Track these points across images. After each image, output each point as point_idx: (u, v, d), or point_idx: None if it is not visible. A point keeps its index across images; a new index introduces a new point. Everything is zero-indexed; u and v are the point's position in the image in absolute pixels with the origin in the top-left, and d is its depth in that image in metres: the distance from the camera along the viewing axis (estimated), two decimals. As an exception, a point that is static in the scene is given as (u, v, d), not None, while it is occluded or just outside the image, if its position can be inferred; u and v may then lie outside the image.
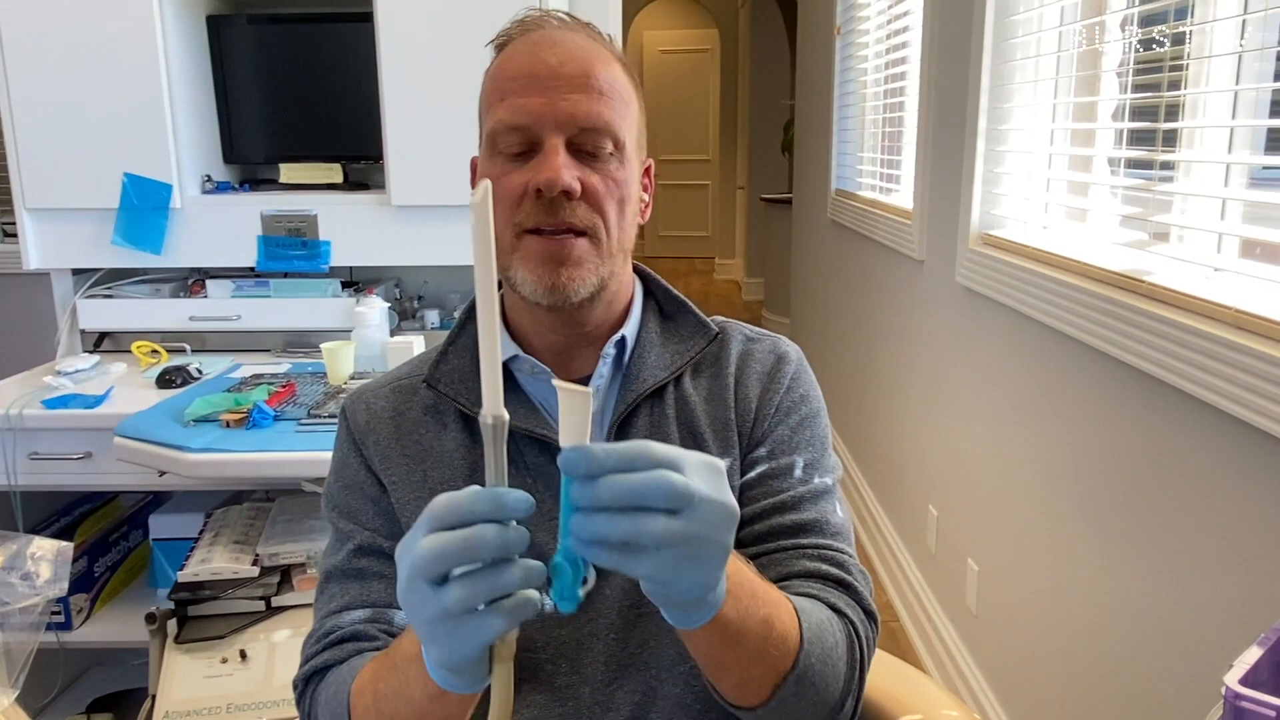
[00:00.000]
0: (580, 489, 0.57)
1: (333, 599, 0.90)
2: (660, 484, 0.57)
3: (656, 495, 0.57)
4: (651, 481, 0.57)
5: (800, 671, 0.76)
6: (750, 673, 0.75)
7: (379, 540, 0.90)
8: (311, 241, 2.22)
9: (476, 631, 0.58)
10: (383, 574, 0.90)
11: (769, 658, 0.75)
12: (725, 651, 0.72)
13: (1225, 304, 1.23)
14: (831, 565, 0.87)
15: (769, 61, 7.14)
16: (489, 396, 0.59)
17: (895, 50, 3.05)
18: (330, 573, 0.91)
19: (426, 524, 0.58)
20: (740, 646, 0.72)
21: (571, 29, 0.88)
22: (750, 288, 7.65)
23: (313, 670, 0.87)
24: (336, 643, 0.87)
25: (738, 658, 0.73)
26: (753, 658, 0.74)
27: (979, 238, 2.15)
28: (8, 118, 2.13)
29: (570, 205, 0.82)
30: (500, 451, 0.59)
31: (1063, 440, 1.72)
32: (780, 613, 0.75)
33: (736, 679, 0.76)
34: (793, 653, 0.76)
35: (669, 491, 0.57)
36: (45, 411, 1.89)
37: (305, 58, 2.31)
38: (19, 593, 1.03)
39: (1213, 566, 1.27)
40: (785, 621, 0.76)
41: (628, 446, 0.58)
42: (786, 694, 0.76)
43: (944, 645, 2.37)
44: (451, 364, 0.93)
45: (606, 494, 0.57)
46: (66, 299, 2.31)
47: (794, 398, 0.94)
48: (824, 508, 0.90)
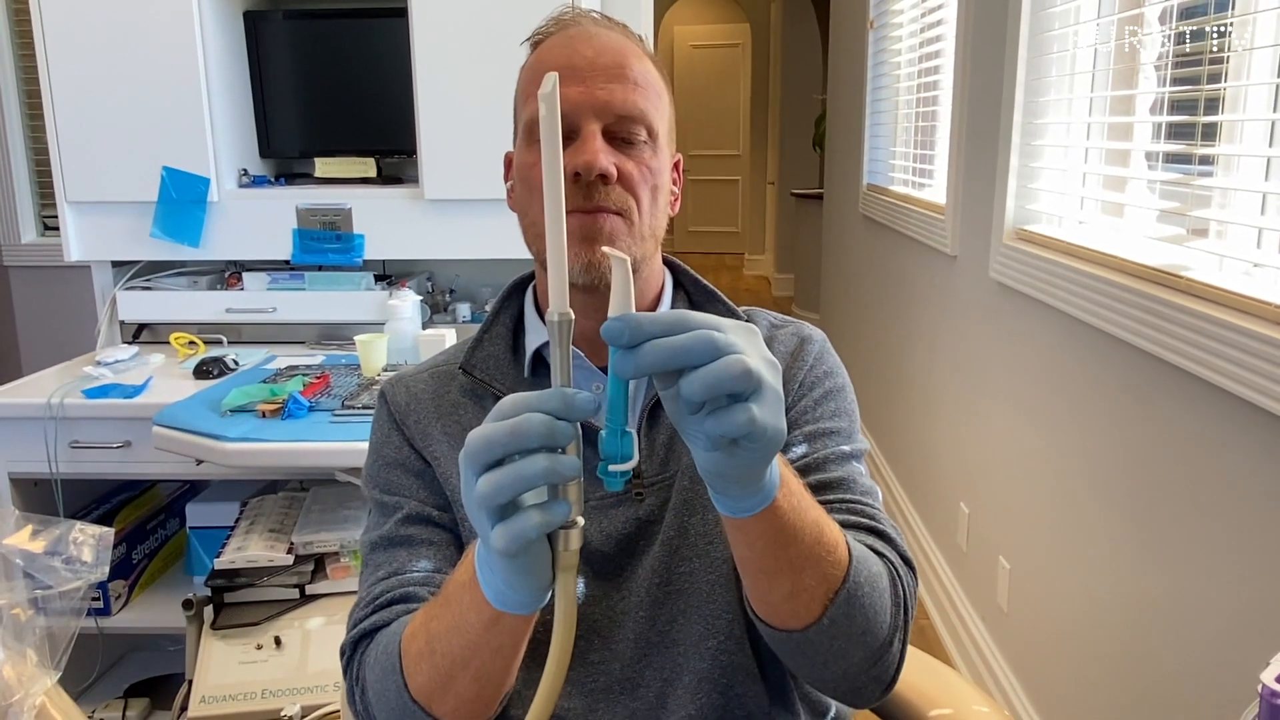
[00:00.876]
0: (623, 358, 0.57)
1: (380, 566, 0.90)
2: (704, 342, 0.56)
3: (702, 353, 0.56)
4: (696, 340, 0.56)
5: (850, 588, 0.74)
6: (803, 580, 0.72)
7: (427, 509, 0.91)
8: (345, 235, 2.24)
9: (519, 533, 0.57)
10: (431, 540, 0.90)
11: (821, 563, 0.72)
12: (779, 550, 0.70)
13: (1265, 299, 1.21)
14: (863, 518, 0.86)
15: (800, 56, 7.11)
16: (555, 297, 0.59)
17: (929, 44, 3.03)
18: (375, 543, 0.91)
19: (490, 418, 0.59)
20: (795, 545, 0.70)
21: (606, 26, 0.91)
22: (780, 283, 7.63)
23: (361, 633, 0.86)
24: (385, 605, 0.86)
25: (790, 559, 0.71)
26: (806, 560, 0.71)
27: (1013, 233, 2.13)
28: (49, 112, 2.17)
29: (605, 189, 0.84)
30: (566, 352, 0.59)
31: (1097, 437, 1.70)
32: (829, 522, 0.74)
33: (789, 587, 0.73)
34: (843, 564, 0.74)
35: (713, 347, 0.56)
36: (85, 401, 1.92)
37: (340, 53, 2.33)
38: (62, 576, 1.05)
39: (1249, 565, 1.25)
40: (834, 529, 0.74)
41: (670, 314, 0.58)
42: (837, 613, 0.74)
43: (974, 644, 2.35)
44: (487, 350, 0.95)
45: (649, 358, 0.56)
46: (106, 291, 2.35)
47: (818, 373, 0.95)
48: (852, 469, 0.90)
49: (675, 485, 0.89)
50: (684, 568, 0.88)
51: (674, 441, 0.91)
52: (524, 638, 0.73)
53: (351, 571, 1.80)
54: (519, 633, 0.72)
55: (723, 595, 0.88)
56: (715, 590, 0.88)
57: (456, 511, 0.91)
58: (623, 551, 0.88)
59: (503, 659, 0.74)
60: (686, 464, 0.89)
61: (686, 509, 0.89)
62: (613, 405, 0.60)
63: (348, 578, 1.80)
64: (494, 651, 0.73)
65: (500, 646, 0.72)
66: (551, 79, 0.57)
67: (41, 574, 1.01)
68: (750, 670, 0.89)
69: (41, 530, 1.04)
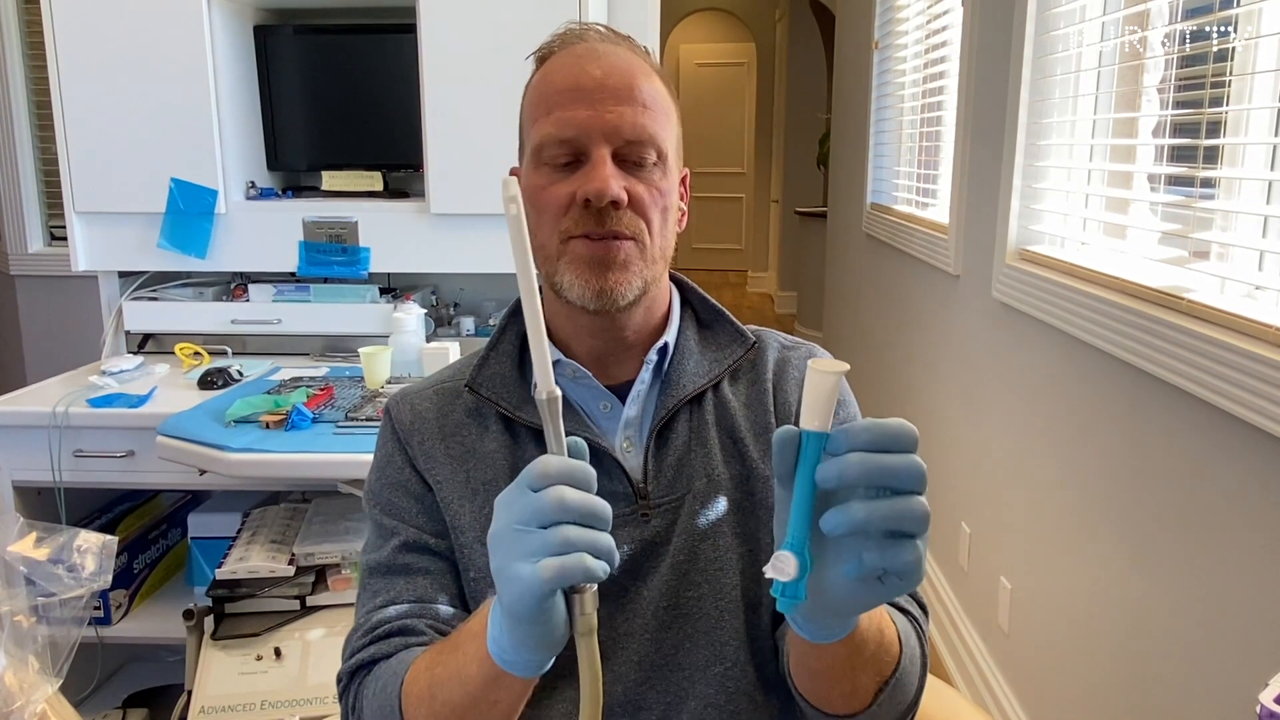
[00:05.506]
0: (827, 465, 0.57)
1: (377, 594, 0.90)
2: (914, 469, 0.57)
3: (909, 480, 0.57)
4: (907, 466, 0.57)
5: (898, 677, 0.77)
6: (860, 681, 0.76)
7: (424, 537, 0.91)
8: (351, 248, 2.26)
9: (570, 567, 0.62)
10: (428, 569, 0.90)
11: (878, 664, 0.75)
12: (849, 660, 0.73)
13: (1266, 322, 1.22)
14: None
15: (805, 75, 7.14)
16: (541, 377, 0.65)
17: (933, 65, 3.05)
18: (374, 568, 0.92)
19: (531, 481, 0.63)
20: (861, 654, 0.73)
21: (613, 42, 0.90)
22: (783, 301, 7.64)
23: (359, 664, 0.87)
24: (383, 637, 0.87)
25: (854, 666, 0.74)
26: (868, 664, 0.75)
27: (1016, 253, 2.14)
28: (60, 123, 2.19)
29: (617, 214, 0.84)
30: (559, 426, 0.65)
31: (1099, 457, 1.71)
32: (886, 618, 0.76)
33: (849, 688, 0.76)
34: (895, 657, 0.77)
35: (920, 479, 0.57)
36: (90, 410, 1.93)
37: (349, 68, 2.35)
38: (64, 584, 1.05)
39: (1249, 586, 1.25)
40: (891, 628, 0.77)
41: (880, 427, 0.57)
42: (884, 699, 0.77)
43: (975, 664, 2.35)
44: (493, 369, 0.94)
45: (855, 471, 0.56)
46: (113, 301, 2.36)
47: None
48: None
49: (684, 507, 0.89)
50: (693, 592, 0.87)
51: (682, 463, 0.90)
52: (523, 698, 0.75)
53: (352, 584, 1.80)
54: (518, 692, 0.74)
55: (730, 622, 0.87)
56: (723, 617, 0.87)
57: (455, 538, 0.91)
58: (627, 573, 0.88)
59: (501, 712, 0.75)
60: (697, 487, 0.89)
61: (697, 534, 0.88)
62: (797, 516, 0.58)
63: (349, 589, 1.80)
64: (491, 705, 0.74)
65: (498, 701, 0.74)
66: (512, 185, 0.62)
67: (44, 581, 1.01)
68: (755, 697, 0.88)
69: (45, 538, 1.04)
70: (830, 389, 0.58)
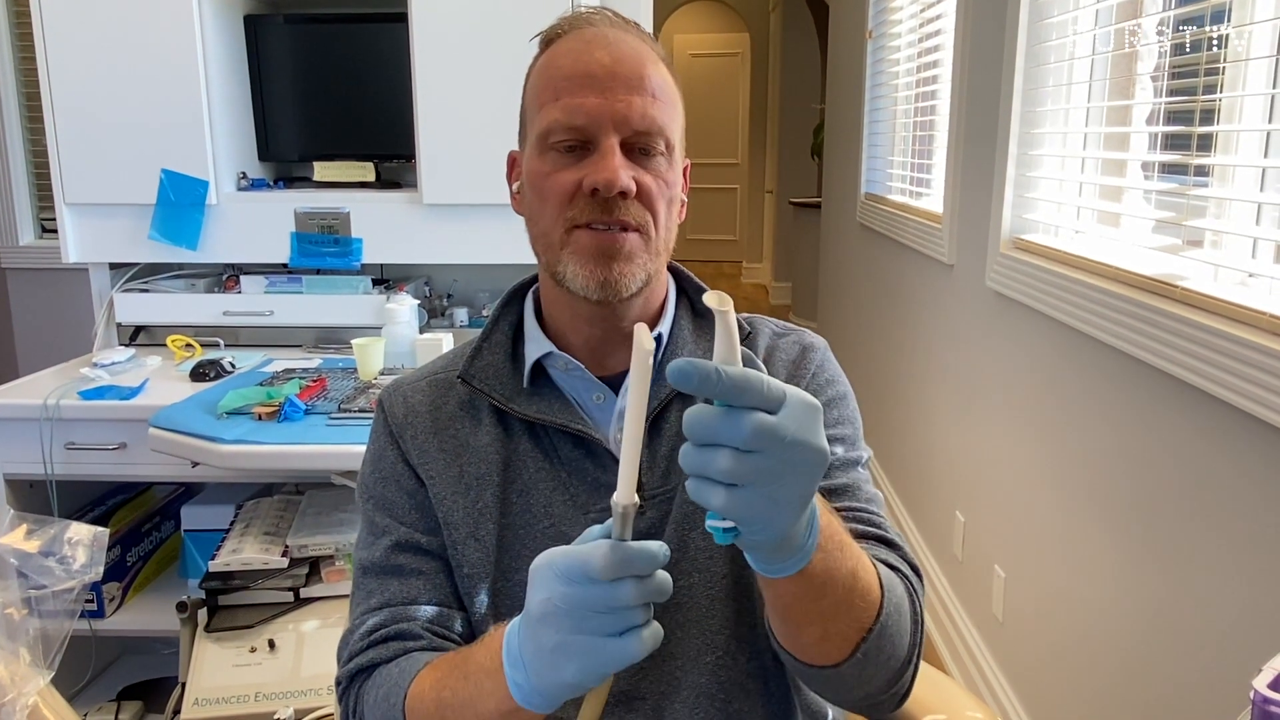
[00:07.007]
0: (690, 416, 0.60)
1: (371, 595, 0.90)
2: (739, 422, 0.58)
3: (734, 434, 0.58)
4: (730, 418, 0.58)
5: (881, 626, 0.75)
6: (833, 627, 0.74)
7: (416, 536, 0.91)
8: (344, 239, 2.25)
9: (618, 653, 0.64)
10: (421, 570, 0.90)
11: (853, 611, 0.74)
12: (810, 604, 0.71)
13: (1260, 309, 1.22)
14: (869, 526, 0.87)
15: (799, 65, 7.13)
16: (624, 485, 0.64)
17: (927, 54, 3.04)
18: (367, 567, 0.91)
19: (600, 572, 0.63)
20: (825, 599, 0.71)
21: (622, 28, 0.89)
22: (778, 292, 7.63)
23: (358, 668, 0.87)
24: (381, 641, 0.86)
25: (821, 610, 0.72)
26: (838, 610, 0.73)
27: (1010, 242, 2.13)
28: (49, 114, 2.17)
29: (624, 204, 0.83)
30: (627, 531, 0.64)
31: (1093, 446, 1.71)
32: (865, 566, 0.75)
33: (818, 633, 0.74)
34: (875, 605, 0.75)
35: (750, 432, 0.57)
36: (82, 403, 1.92)
37: (340, 57, 2.34)
38: (56, 576, 1.04)
39: (1243, 573, 1.25)
40: (869, 574, 0.75)
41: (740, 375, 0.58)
42: (869, 649, 0.75)
43: (969, 653, 2.35)
44: (486, 360, 0.94)
45: (691, 426, 0.59)
46: (104, 293, 2.35)
47: (820, 381, 0.95)
48: (856, 476, 0.91)
49: (676, 499, 0.89)
50: (683, 582, 0.87)
51: (675, 454, 0.90)
52: None
53: (346, 575, 1.80)
54: None
55: (722, 610, 0.87)
56: (714, 605, 0.87)
57: (446, 535, 0.90)
58: None
59: None
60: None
61: (687, 523, 0.88)
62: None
63: (342, 581, 1.80)
64: None
65: None
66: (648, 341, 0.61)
67: (36, 573, 1.01)
68: (748, 686, 0.88)
69: (36, 530, 1.04)
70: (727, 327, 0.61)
